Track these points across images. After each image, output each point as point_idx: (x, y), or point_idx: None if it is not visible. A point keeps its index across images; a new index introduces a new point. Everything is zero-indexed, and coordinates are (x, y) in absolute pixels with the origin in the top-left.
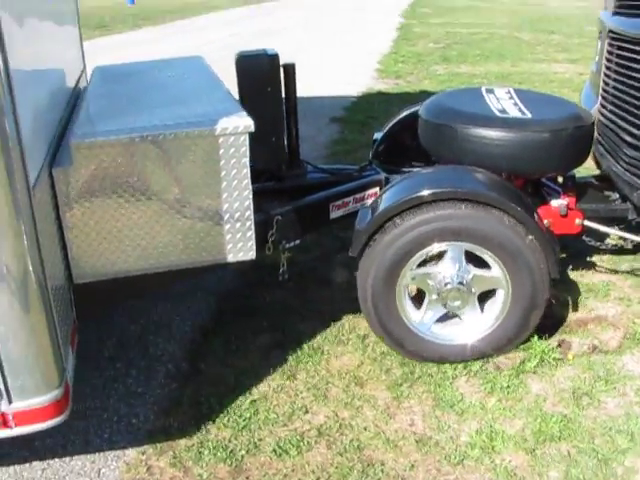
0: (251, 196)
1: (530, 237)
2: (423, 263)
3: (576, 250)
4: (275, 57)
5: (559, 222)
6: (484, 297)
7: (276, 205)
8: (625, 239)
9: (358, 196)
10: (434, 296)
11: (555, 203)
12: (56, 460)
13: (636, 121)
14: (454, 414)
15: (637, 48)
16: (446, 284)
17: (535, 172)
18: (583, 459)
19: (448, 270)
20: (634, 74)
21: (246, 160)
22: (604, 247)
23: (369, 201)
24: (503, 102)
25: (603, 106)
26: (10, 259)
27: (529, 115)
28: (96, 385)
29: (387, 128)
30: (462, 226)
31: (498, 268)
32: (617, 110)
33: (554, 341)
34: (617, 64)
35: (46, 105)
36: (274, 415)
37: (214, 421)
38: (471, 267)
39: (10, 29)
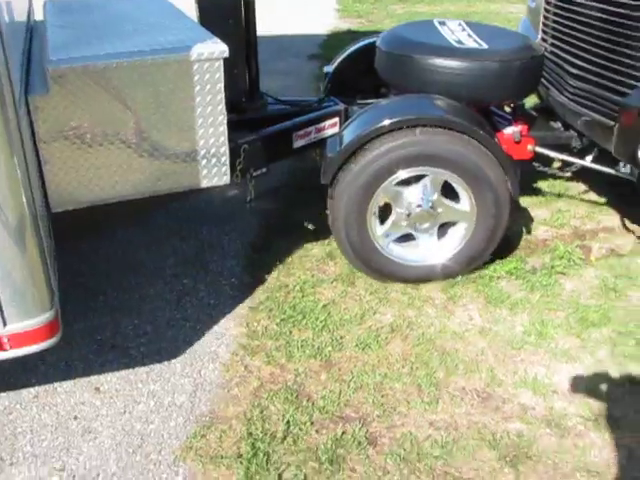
0: (225, 122)
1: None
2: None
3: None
4: None
5: (513, 148)
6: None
7: (242, 135)
8: (570, 164)
9: (319, 126)
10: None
11: (509, 130)
12: (156, 365)
13: (579, 53)
14: (505, 309)
15: None
16: (418, 206)
17: (493, 99)
18: (623, 340)
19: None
20: (574, 8)
21: (221, 86)
22: (551, 172)
23: (330, 131)
24: (458, 34)
25: (544, 40)
26: (5, 188)
27: (485, 46)
28: (170, 299)
29: (337, 62)
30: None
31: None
32: (559, 43)
33: (575, 247)
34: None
35: (14, 32)
36: (347, 316)
37: (293, 324)
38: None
39: None
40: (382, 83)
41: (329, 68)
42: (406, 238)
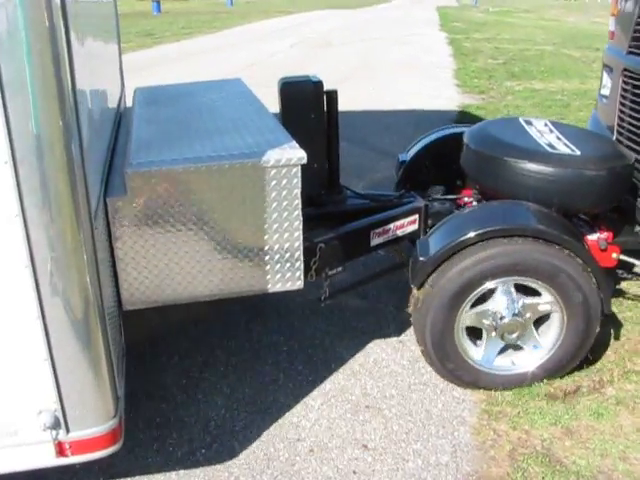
0: (301, 227)
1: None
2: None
3: None
4: (319, 84)
5: (599, 256)
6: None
7: (318, 233)
8: None
9: (398, 223)
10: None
11: (594, 237)
12: (411, 425)
13: None
14: None
15: None
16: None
17: (584, 207)
18: None
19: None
20: None
21: (298, 192)
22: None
23: (409, 228)
24: (547, 136)
25: (619, 141)
26: (72, 291)
27: (578, 152)
28: (405, 365)
29: (413, 152)
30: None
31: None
32: (634, 146)
33: None
34: (632, 101)
35: (100, 129)
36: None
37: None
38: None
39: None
40: (457, 176)
41: (404, 157)
42: None
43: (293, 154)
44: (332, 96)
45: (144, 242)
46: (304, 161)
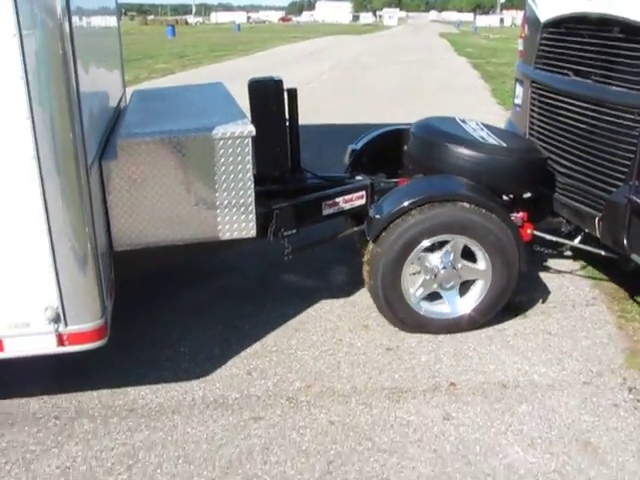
0: (252, 186)
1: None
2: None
3: None
4: (279, 82)
5: None
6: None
7: (276, 202)
8: (563, 245)
9: (347, 197)
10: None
11: (514, 215)
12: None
13: (565, 154)
14: None
15: (554, 96)
16: (443, 268)
17: (505, 189)
18: None
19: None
20: (555, 116)
21: (249, 158)
22: (547, 252)
23: (357, 202)
24: (479, 132)
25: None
26: (74, 225)
27: (504, 144)
28: None
29: (362, 143)
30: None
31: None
32: (544, 145)
33: None
34: (539, 107)
35: (96, 116)
36: None
37: None
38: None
39: (80, 67)
40: (398, 166)
41: (354, 146)
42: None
43: (244, 128)
44: (292, 93)
45: (129, 196)
46: (253, 134)
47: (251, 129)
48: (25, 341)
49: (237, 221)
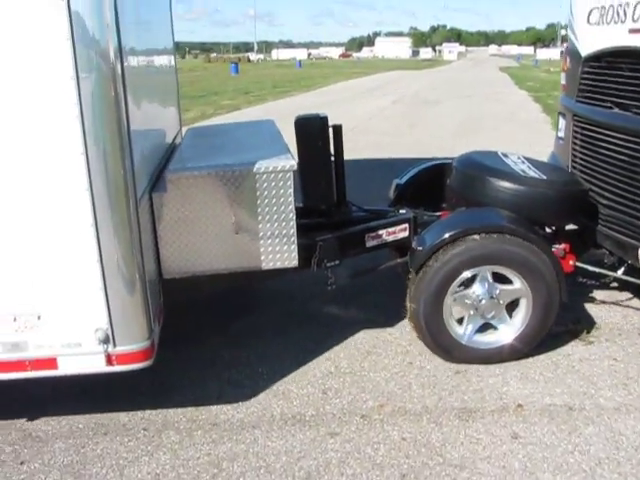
0: (294, 218)
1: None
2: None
3: None
4: (324, 119)
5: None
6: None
7: (321, 234)
8: (606, 276)
9: (390, 230)
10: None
11: (555, 247)
12: None
13: (608, 187)
14: None
15: (596, 128)
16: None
17: (546, 221)
18: None
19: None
20: (596, 148)
21: (291, 191)
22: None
23: (400, 234)
24: (520, 165)
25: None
26: (123, 253)
27: (544, 177)
28: None
29: (406, 177)
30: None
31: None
32: (586, 177)
33: None
34: (582, 141)
35: (148, 152)
36: None
37: None
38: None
39: (132, 106)
40: (441, 199)
41: (399, 181)
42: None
43: (286, 163)
44: (337, 130)
45: (178, 227)
46: (294, 168)
47: (292, 163)
48: (77, 360)
49: (280, 251)
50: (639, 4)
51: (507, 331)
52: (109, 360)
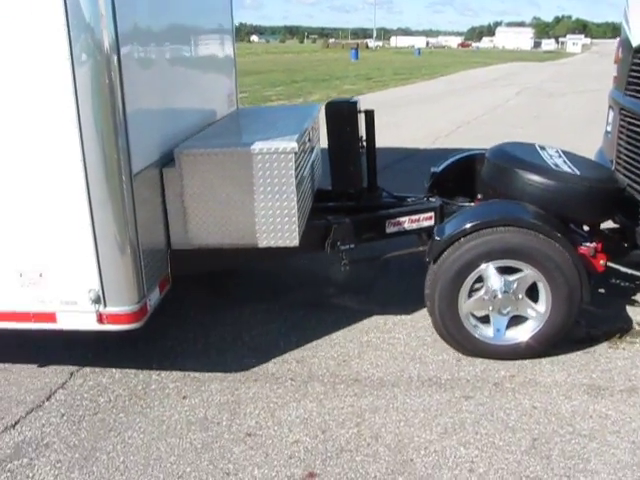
0: (295, 199)
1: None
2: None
3: None
4: (354, 104)
5: (589, 262)
6: None
7: (336, 217)
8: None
9: (413, 217)
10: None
11: (586, 245)
12: None
13: None
14: None
15: None
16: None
17: (578, 217)
18: None
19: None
20: None
21: (292, 172)
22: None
23: (425, 223)
24: (555, 159)
25: (617, 170)
26: (115, 224)
27: (577, 172)
28: None
29: (443, 166)
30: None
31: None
32: (629, 174)
33: None
34: (627, 136)
35: (163, 131)
36: None
37: None
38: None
39: (139, 88)
40: (478, 190)
41: (435, 169)
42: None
43: (288, 145)
44: (369, 115)
45: (186, 200)
46: (295, 150)
47: (293, 146)
48: (73, 316)
49: (281, 230)
50: None
51: (524, 329)
52: (100, 319)
